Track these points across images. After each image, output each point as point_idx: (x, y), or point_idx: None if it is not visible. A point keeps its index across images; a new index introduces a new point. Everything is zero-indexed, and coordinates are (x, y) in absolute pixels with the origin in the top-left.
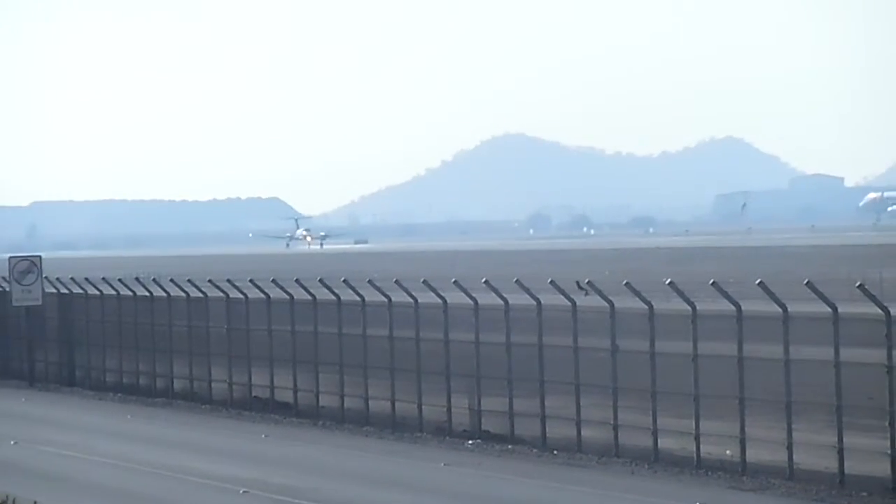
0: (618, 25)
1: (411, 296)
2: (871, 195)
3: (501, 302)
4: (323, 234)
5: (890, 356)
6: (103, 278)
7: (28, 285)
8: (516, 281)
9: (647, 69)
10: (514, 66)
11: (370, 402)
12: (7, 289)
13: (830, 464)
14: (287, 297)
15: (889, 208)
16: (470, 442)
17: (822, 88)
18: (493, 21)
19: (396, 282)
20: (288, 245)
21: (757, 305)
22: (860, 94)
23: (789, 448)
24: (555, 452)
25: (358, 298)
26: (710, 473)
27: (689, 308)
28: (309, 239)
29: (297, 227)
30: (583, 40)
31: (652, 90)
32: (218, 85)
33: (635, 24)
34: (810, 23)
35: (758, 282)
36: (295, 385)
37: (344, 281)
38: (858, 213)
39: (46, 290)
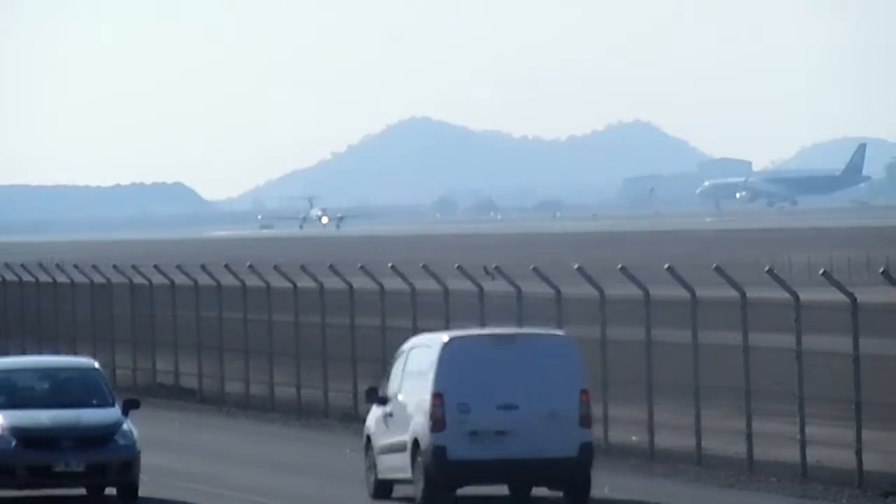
0: (524, 9)
1: (317, 281)
2: (709, 182)
3: (407, 287)
4: (340, 215)
5: (799, 341)
6: (6, 264)
7: None
8: (423, 266)
9: (553, 53)
10: (421, 49)
11: (275, 389)
12: None
13: (739, 449)
14: (192, 282)
15: (738, 195)
16: None
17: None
18: (398, 4)
19: (302, 267)
20: (301, 227)
21: (665, 290)
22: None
23: (698, 433)
24: None
25: (263, 284)
26: (618, 459)
27: (597, 293)
28: (325, 220)
29: (311, 207)
30: (489, 24)
31: (559, 74)
32: (119, 68)
33: (542, 8)
34: (716, 7)
35: (666, 266)
36: (200, 371)
37: (249, 266)
38: (698, 200)
39: None
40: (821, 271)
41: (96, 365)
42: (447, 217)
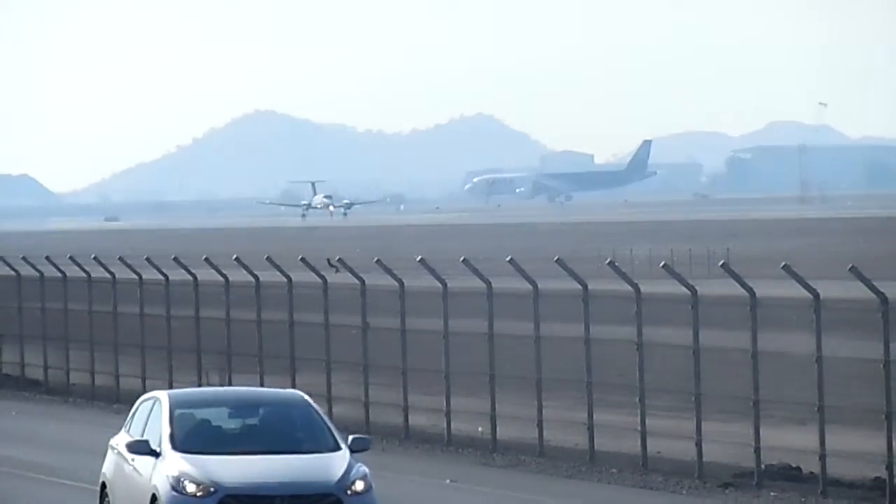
0: (367, 3)
1: (162, 273)
2: (477, 178)
3: (252, 279)
4: (347, 201)
5: (640, 333)
6: None
7: None
8: (267, 258)
9: (394, 47)
10: (265, 43)
11: (121, 380)
12: None
13: (581, 440)
14: (37, 273)
15: (518, 190)
16: None
17: (571, 67)
18: None
19: (147, 259)
20: (304, 216)
21: (508, 282)
22: (609, 73)
23: (539, 425)
24: None
25: (109, 276)
26: (461, 450)
27: (440, 285)
28: (331, 208)
29: (315, 194)
30: (332, 17)
31: (402, 67)
32: None
33: (384, 2)
34: (559, 2)
35: (508, 259)
36: (45, 362)
37: (94, 258)
38: (466, 196)
39: None
40: (661, 264)
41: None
42: (292, 210)
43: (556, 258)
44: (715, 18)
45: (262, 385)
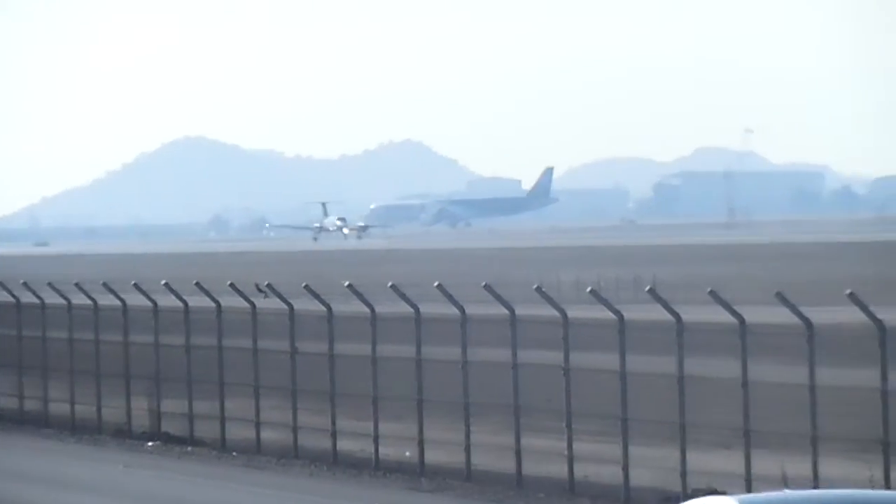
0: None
1: (91, 298)
2: (375, 204)
3: (181, 304)
4: (361, 224)
5: (567, 358)
6: None
7: None
8: (196, 283)
9: (323, 72)
10: (194, 68)
11: (50, 405)
12: None
13: (508, 465)
14: None
15: (422, 216)
16: (150, 444)
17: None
18: (168, 22)
19: (76, 284)
20: (316, 239)
21: (436, 307)
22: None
23: (467, 450)
24: (234, 454)
25: (38, 301)
26: (388, 475)
27: (367, 310)
28: (346, 231)
29: (326, 215)
30: (260, 42)
31: (331, 93)
32: None
33: (311, 28)
34: (482, 28)
35: (436, 284)
36: None
37: (24, 284)
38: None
39: None
40: (588, 289)
41: None
42: (221, 235)
43: (483, 284)
44: (641, 44)
45: (190, 411)
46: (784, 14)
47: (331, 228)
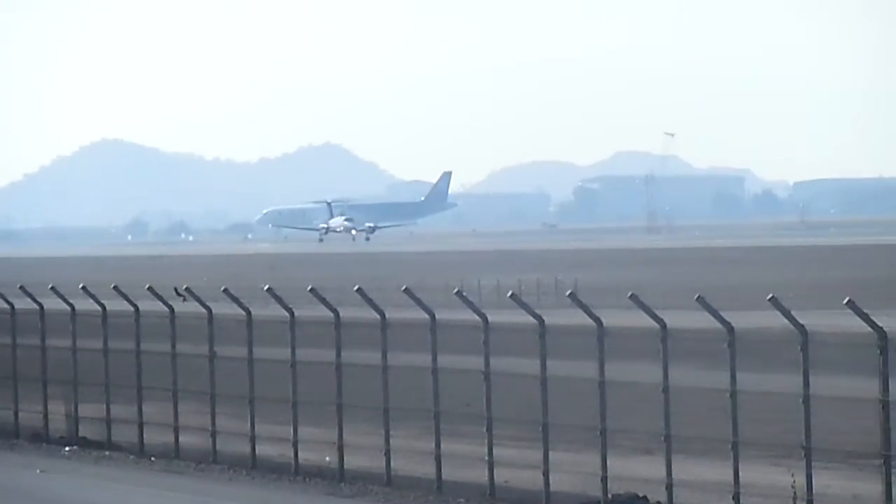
0: (213, 30)
1: (8, 302)
2: (267, 209)
3: (99, 308)
4: (370, 224)
5: (487, 362)
6: None
7: None
8: (114, 287)
9: (244, 74)
10: (113, 70)
11: None
12: None
13: (429, 470)
14: None
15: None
16: (67, 448)
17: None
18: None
19: None
20: (321, 240)
21: (355, 312)
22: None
23: (387, 454)
24: (152, 459)
25: None
26: (308, 480)
27: (287, 314)
28: (354, 232)
29: (331, 216)
30: (179, 44)
31: (248, 95)
32: None
33: (229, 30)
34: (405, 31)
35: (356, 288)
36: None
37: None
38: (256, 227)
39: None
40: (509, 293)
41: None
42: (138, 239)
43: (403, 287)
44: (562, 47)
45: (108, 415)
46: (704, 18)
47: (338, 229)
